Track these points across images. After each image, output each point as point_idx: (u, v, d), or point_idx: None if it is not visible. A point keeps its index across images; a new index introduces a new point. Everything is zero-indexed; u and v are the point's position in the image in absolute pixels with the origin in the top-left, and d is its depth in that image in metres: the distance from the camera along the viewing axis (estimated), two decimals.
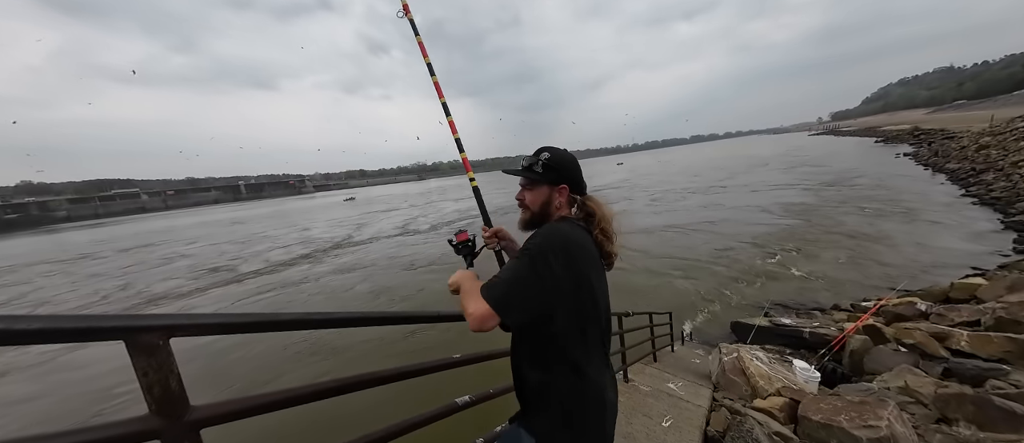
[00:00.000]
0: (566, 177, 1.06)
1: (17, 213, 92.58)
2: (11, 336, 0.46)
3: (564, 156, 1.08)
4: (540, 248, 0.90)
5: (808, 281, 9.18)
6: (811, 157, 43.54)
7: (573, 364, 0.94)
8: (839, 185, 22.03)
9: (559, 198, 1.06)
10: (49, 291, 16.46)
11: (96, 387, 7.02)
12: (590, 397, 0.95)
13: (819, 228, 13.56)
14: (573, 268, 0.91)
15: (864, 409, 2.76)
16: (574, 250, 0.93)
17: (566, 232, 0.96)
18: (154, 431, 0.58)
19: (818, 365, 4.65)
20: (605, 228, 1.05)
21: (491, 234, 1.32)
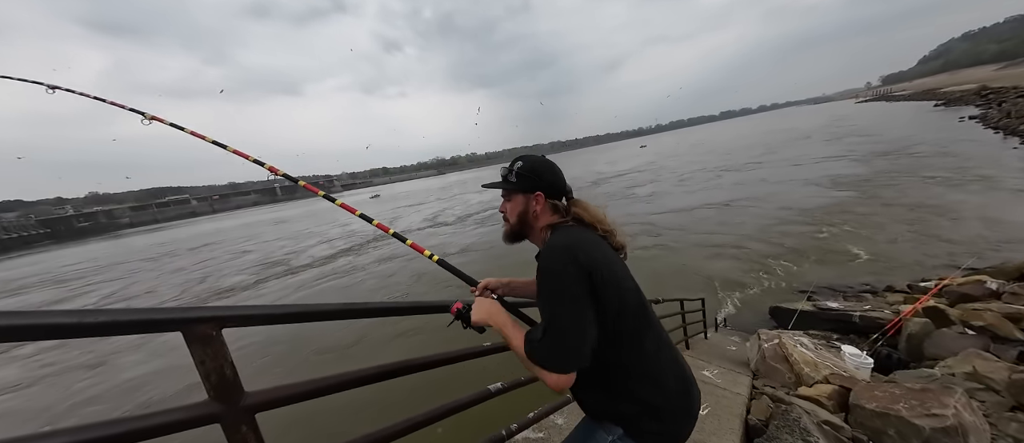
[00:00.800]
0: (540, 183, 1.02)
1: (88, 221, 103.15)
2: (82, 329, 0.49)
3: (538, 162, 1.05)
4: (552, 281, 0.85)
5: (858, 260, 8.52)
6: (858, 126, 39.97)
7: (625, 367, 0.90)
8: (893, 154, 20.15)
9: (535, 206, 1.03)
10: (144, 285, 18.70)
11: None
12: (660, 399, 0.91)
13: (871, 202, 12.49)
14: (594, 271, 0.85)
15: (927, 397, 2.55)
16: (577, 261, 0.85)
17: (562, 246, 0.90)
18: (214, 415, 0.62)
19: (870, 351, 4.34)
20: (599, 228, 1.00)
21: (480, 290, 1.27)
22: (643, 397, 0.90)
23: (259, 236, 33.25)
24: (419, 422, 1.03)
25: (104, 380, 8.21)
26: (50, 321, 0.47)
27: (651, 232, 13.58)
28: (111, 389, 7.73)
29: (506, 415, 1.65)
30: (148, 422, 0.55)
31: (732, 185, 19.90)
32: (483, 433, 1.33)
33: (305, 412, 5.09)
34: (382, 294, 11.73)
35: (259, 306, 0.69)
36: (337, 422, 5.10)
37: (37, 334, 0.46)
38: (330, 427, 5.05)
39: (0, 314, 0.45)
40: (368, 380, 0.89)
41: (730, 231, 12.15)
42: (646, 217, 15.93)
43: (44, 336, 0.47)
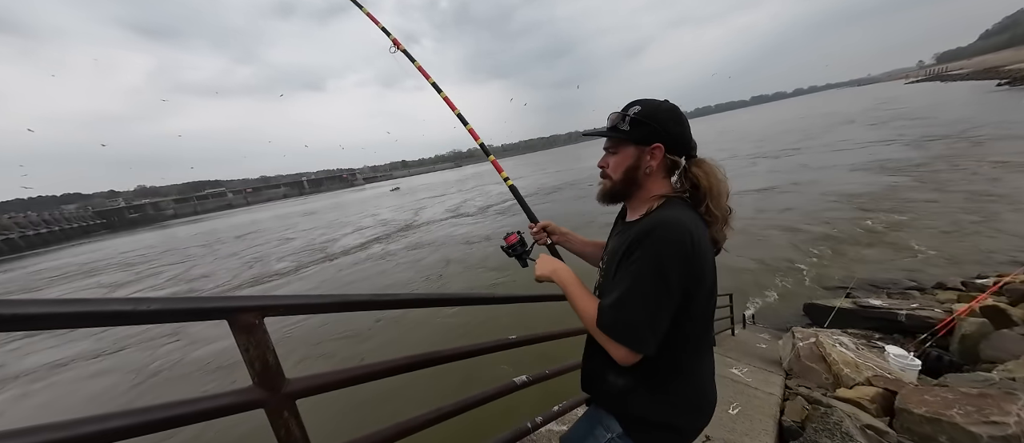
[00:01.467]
0: (661, 133, 0.81)
1: (137, 213, 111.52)
2: (139, 316, 0.52)
3: (660, 107, 0.83)
4: (660, 261, 0.72)
5: (905, 254, 7.93)
6: (908, 109, 36.85)
7: (680, 369, 0.83)
8: (950, 138, 18.44)
9: (650, 161, 0.83)
10: (202, 269, 20.33)
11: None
12: (694, 403, 0.86)
13: (921, 190, 11.59)
14: (696, 266, 0.75)
15: (985, 402, 2.35)
16: (694, 252, 0.74)
17: (683, 228, 0.74)
18: (258, 401, 0.64)
19: (918, 352, 4.07)
20: (713, 206, 0.81)
21: (539, 230, 1.22)
22: (688, 401, 0.84)
23: (297, 225, 34.94)
24: (447, 412, 1.04)
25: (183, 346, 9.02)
26: (112, 309, 0.49)
27: None
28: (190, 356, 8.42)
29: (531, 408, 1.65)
30: (198, 406, 0.58)
31: (767, 172, 18.96)
32: (509, 425, 1.33)
33: (339, 401, 5.34)
34: (415, 277, 12.25)
35: (299, 296, 0.71)
36: (369, 411, 5.30)
37: (100, 320, 0.48)
38: (363, 416, 5.25)
39: (70, 302, 0.48)
40: (400, 370, 0.90)
41: (764, 221, 11.61)
42: None
43: (106, 322, 0.49)
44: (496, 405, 1.26)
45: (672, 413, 0.83)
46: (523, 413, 1.61)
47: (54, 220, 78.03)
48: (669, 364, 0.81)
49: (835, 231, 9.68)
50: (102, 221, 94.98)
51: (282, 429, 0.67)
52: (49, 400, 7.82)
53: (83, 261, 34.18)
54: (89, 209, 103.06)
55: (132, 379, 8.01)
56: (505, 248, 1.26)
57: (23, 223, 68.49)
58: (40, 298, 0.47)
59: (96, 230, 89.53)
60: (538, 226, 1.23)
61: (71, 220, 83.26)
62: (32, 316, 0.44)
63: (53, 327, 0.47)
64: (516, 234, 1.25)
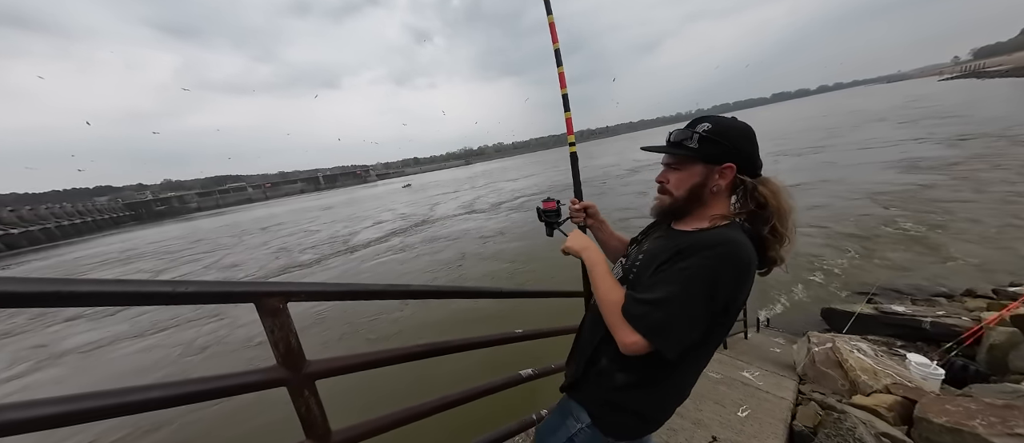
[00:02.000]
0: (733, 152, 0.79)
1: (163, 205, 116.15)
2: (175, 297, 0.57)
3: (732, 125, 0.81)
4: (716, 276, 0.71)
5: (932, 259, 7.61)
6: (941, 107, 35.06)
7: (675, 374, 0.84)
8: (988, 137, 17.54)
9: (720, 181, 0.80)
10: (236, 257, 21.31)
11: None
12: (671, 400, 0.89)
13: (951, 192, 11.06)
14: (738, 297, 0.76)
15: (1011, 414, 2.26)
16: (745, 277, 0.74)
17: (743, 253, 0.74)
18: (282, 379, 0.69)
19: (942, 361, 3.92)
20: (780, 226, 0.79)
21: (580, 208, 1.19)
22: (675, 394, 0.87)
23: (317, 219, 35.82)
24: (454, 400, 1.08)
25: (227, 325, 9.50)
26: (154, 289, 0.55)
27: None
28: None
29: (536, 400, 1.68)
30: (228, 382, 0.63)
31: (789, 171, 18.44)
32: (514, 416, 1.37)
33: (353, 384, 5.51)
34: (434, 267, 12.56)
35: (321, 284, 0.75)
36: (380, 396, 5.44)
37: (143, 300, 0.54)
38: (373, 400, 5.41)
39: (118, 281, 0.53)
40: (413, 357, 0.94)
41: None
42: None
43: (148, 302, 0.54)
44: (501, 396, 1.29)
45: (653, 407, 0.86)
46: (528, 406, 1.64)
47: (87, 211, 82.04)
48: (673, 366, 0.81)
49: (859, 233, 9.36)
50: (131, 213, 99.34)
51: (303, 407, 0.72)
52: (119, 370, 8.42)
53: (122, 249, 36.03)
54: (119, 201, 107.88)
55: (179, 352, 8.51)
56: (541, 211, 1.26)
57: (59, 213, 72.24)
58: (90, 278, 0.52)
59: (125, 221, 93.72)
60: (581, 204, 1.20)
61: (103, 211, 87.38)
62: (84, 294, 0.49)
63: (102, 304, 0.52)
64: (555, 202, 1.25)
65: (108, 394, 0.51)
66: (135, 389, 0.53)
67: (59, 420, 0.47)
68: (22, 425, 0.45)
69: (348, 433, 0.79)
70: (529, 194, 29.13)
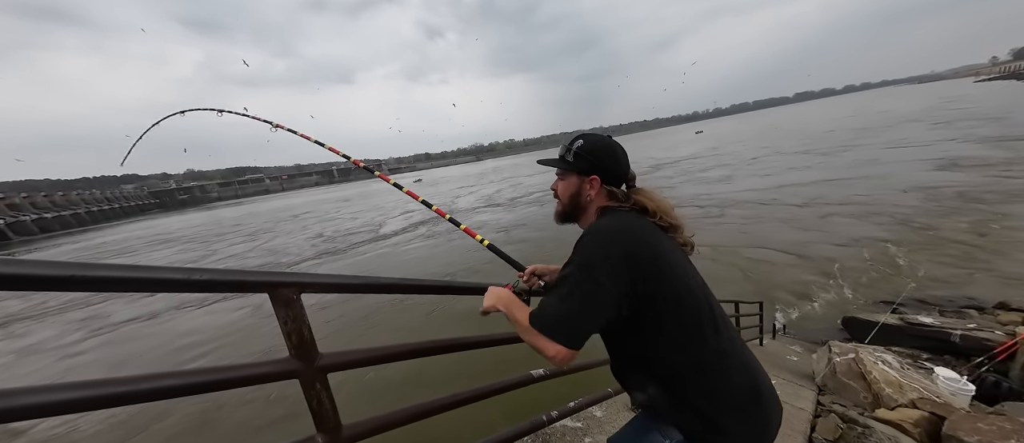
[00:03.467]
0: (598, 166, 0.93)
1: (186, 195, 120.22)
2: (190, 285, 0.56)
3: (599, 142, 0.95)
4: (584, 261, 0.80)
5: (965, 269, 7.24)
6: (979, 109, 33.36)
7: (679, 368, 0.82)
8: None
9: (589, 190, 0.95)
10: (280, 243, 21.98)
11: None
12: (721, 395, 0.83)
13: (994, 195, 10.54)
14: (631, 267, 0.78)
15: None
16: (620, 245, 0.79)
17: (608, 228, 0.84)
18: (294, 371, 0.68)
19: (972, 376, 3.73)
20: (664, 218, 0.90)
21: (528, 275, 1.25)
22: (701, 408, 0.82)
23: (342, 210, 36.40)
24: (466, 398, 1.06)
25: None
26: (165, 276, 0.54)
27: (710, 223, 12.76)
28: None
29: (547, 401, 1.65)
30: (241, 372, 0.62)
31: (815, 173, 17.93)
32: (525, 416, 1.34)
33: (364, 380, 5.58)
34: (462, 255, 12.92)
35: (334, 276, 0.74)
36: (392, 391, 5.49)
37: (153, 287, 0.53)
38: (385, 396, 5.46)
39: (133, 267, 0.52)
40: (424, 353, 0.93)
41: (802, 225, 10.97)
42: (706, 205, 15.04)
43: (158, 289, 0.54)
44: (512, 396, 1.27)
45: (699, 419, 0.81)
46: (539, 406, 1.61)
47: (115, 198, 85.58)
48: (675, 365, 0.82)
49: (886, 240, 8.98)
50: (156, 201, 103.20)
51: (314, 400, 0.71)
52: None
53: (157, 233, 37.55)
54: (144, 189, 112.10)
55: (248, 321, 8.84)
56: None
57: (89, 199, 75.57)
58: (104, 263, 0.51)
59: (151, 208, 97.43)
60: (527, 272, 1.25)
61: (130, 199, 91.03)
62: (98, 279, 0.49)
63: (116, 289, 0.51)
64: (510, 285, 1.23)
65: (122, 381, 0.51)
66: (149, 377, 0.53)
67: (72, 406, 0.46)
68: (34, 410, 0.44)
69: (359, 427, 0.78)
70: (545, 188, 29.37)
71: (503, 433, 1.16)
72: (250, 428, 5.27)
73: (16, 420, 0.44)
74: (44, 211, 62.47)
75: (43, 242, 47.49)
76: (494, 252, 1.36)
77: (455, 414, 1.04)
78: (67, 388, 0.48)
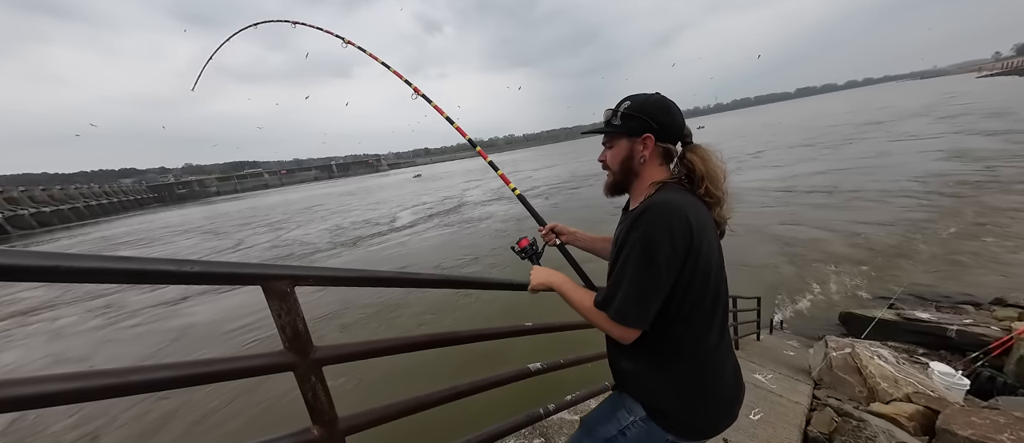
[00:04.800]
0: (650, 124, 0.85)
1: (185, 189, 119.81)
2: (181, 277, 0.55)
3: (649, 99, 0.87)
4: (648, 241, 0.76)
5: (962, 264, 7.27)
6: (981, 105, 33.29)
7: (682, 352, 0.84)
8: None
9: (643, 151, 0.87)
10: (300, 234, 21.97)
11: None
12: (708, 383, 0.86)
13: (994, 191, 10.57)
14: (688, 252, 0.77)
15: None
16: (683, 231, 0.76)
17: (671, 208, 0.78)
18: (289, 364, 0.67)
19: (967, 371, 3.76)
20: (711, 189, 0.84)
21: (548, 231, 1.29)
22: (689, 384, 0.84)
23: (350, 203, 36.45)
24: (463, 391, 1.06)
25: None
26: (154, 267, 0.53)
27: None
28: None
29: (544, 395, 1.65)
30: (235, 364, 0.61)
31: (815, 168, 18.08)
32: (522, 409, 1.34)
33: (360, 372, 5.63)
34: (481, 242, 13.36)
35: (329, 268, 0.73)
36: (388, 384, 5.52)
37: (143, 278, 0.52)
38: (381, 388, 5.49)
39: (121, 258, 0.51)
40: (421, 346, 0.92)
41: (798, 219, 10.99)
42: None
43: (148, 281, 0.53)
44: (509, 389, 1.27)
45: (679, 399, 0.85)
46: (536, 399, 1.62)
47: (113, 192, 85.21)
48: (671, 347, 0.84)
49: (885, 236, 9.00)
50: (154, 195, 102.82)
51: (309, 392, 0.70)
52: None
53: (164, 225, 37.64)
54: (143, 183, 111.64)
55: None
56: (517, 251, 1.30)
57: (87, 193, 75.24)
58: (91, 254, 0.51)
59: (149, 203, 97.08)
60: (547, 228, 1.29)
61: (128, 193, 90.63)
62: (85, 270, 0.48)
63: (103, 281, 0.51)
64: (527, 238, 1.30)
65: (111, 373, 0.50)
66: (139, 369, 0.52)
67: (59, 398, 0.45)
68: (22, 402, 0.43)
69: (355, 420, 0.77)
70: (555, 183, 29.69)
71: (499, 425, 1.16)
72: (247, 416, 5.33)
73: (5, 411, 0.44)
74: (42, 205, 62.23)
75: (42, 236, 47.35)
76: (522, 203, 1.44)
77: (451, 406, 1.04)
78: (56, 380, 0.47)
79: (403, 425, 0.92)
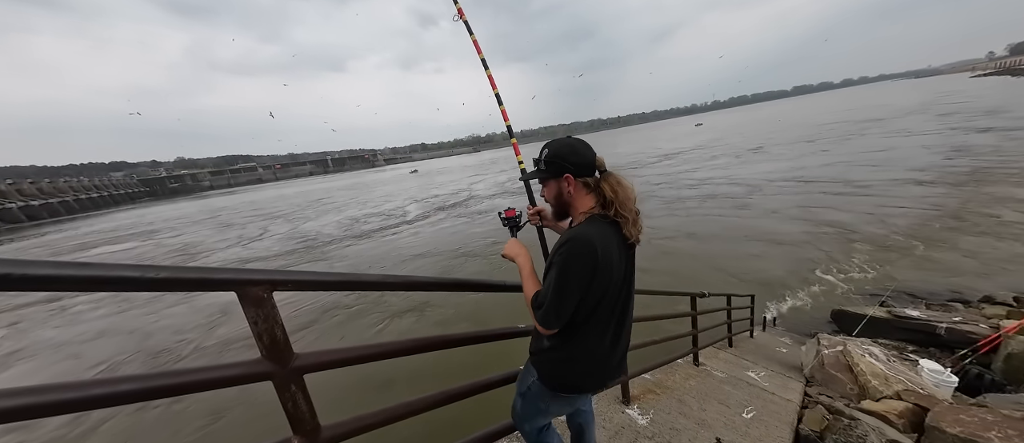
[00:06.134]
0: (567, 165, 1.06)
1: (177, 183, 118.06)
2: (145, 284, 0.51)
3: (562, 145, 1.09)
4: (564, 263, 0.98)
5: (952, 263, 7.36)
6: (976, 104, 33.70)
7: (573, 336, 1.05)
8: None
9: (567, 187, 1.08)
10: (312, 226, 21.76)
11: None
12: (586, 359, 1.08)
13: (986, 188, 10.73)
14: (597, 272, 0.98)
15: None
16: (590, 259, 0.97)
17: (583, 243, 0.98)
18: (266, 373, 0.64)
19: (956, 368, 3.81)
20: (620, 211, 1.04)
21: (534, 212, 1.45)
22: (566, 370, 1.09)
23: (358, 197, 36.15)
24: (452, 395, 1.04)
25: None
26: (117, 274, 0.49)
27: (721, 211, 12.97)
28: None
29: None
30: (207, 375, 0.58)
31: (809, 165, 18.31)
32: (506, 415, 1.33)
33: (346, 378, 5.48)
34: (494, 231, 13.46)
35: (310, 272, 0.70)
36: (374, 387, 5.40)
37: (104, 285, 0.48)
38: (368, 394, 5.34)
39: (75, 264, 0.48)
40: (409, 351, 0.90)
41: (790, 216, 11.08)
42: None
43: (109, 288, 0.49)
44: (495, 394, 1.26)
45: (566, 368, 1.09)
46: None
47: (103, 185, 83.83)
48: (566, 335, 1.06)
49: (878, 234, 9.09)
50: (146, 189, 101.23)
51: (289, 402, 0.67)
52: None
53: (166, 218, 37.00)
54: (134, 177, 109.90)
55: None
56: (503, 218, 1.48)
57: (77, 187, 73.97)
58: (47, 260, 0.47)
59: (140, 197, 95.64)
60: (535, 209, 1.45)
61: (119, 186, 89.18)
62: (39, 277, 0.44)
63: (60, 288, 0.47)
64: (514, 209, 1.48)
65: (68, 387, 0.47)
66: (100, 382, 0.49)
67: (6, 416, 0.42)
68: None
69: (339, 428, 0.75)
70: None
71: (489, 429, 1.15)
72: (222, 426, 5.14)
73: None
74: (31, 198, 61.13)
75: (30, 230, 46.53)
76: (524, 180, 1.57)
77: (441, 410, 1.02)
78: (8, 395, 0.44)
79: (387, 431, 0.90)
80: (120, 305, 10.72)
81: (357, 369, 0.89)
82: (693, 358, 3.25)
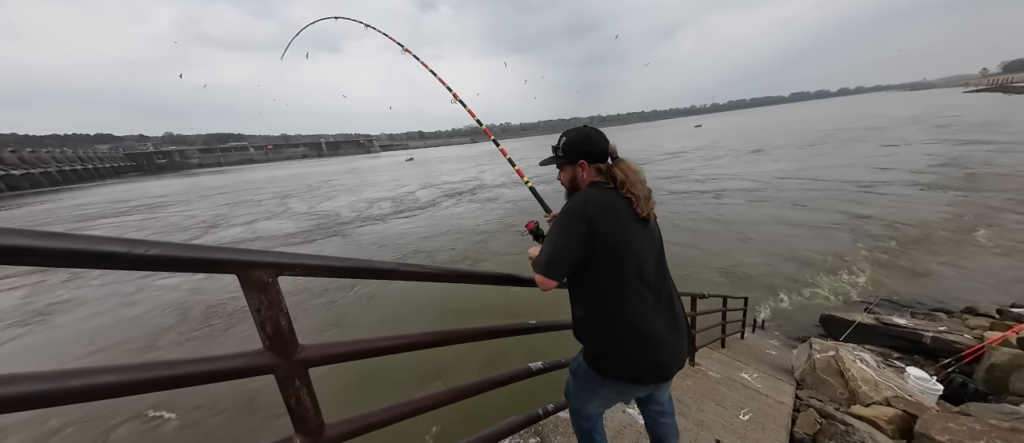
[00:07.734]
0: (582, 152, 1.16)
1: (165, 159, 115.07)
2: (133, 260, 0.45)
3: (578, 134, 1.18)
4: (564, 214, 1.10)
5: (938, 273, 7.52)
6: (970, 119, 34.27)
7: (606, 303, 1.08)
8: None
9: (582, 173, 1.17)
10: (328, 205, 21.33)
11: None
12: (625, 330, 1.08)
13: (976, 203, 10.95)
14: (594, 224, 1.03)
15: (1018, 438, 2.22)
16: (593, 209, 1.05)
17: (588, 195, 1.09)
18: (269, 366, 0.58)
19: (940, 376, 3.89)
20: (631, 190, 1.10)
21: (551, 217, 1.50)
22: (601, 330, 1.11)
23: (365, 180, 35.81)
24: (462, 392, 0.99)
25: None
26: (101, 248, 0.42)
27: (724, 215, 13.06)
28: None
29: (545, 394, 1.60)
30: (204, 367, 0.52)
31: (803, 170, 18.53)
32: (521, 409, 1.29)
33: (355, 371, 5.19)
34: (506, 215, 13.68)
35: (318, 256, 0.63)
36: (385, 385, 5.18)
37: (87, 261, 0.42)
38: (379, 389, 5.09)
39: (56, 236, 0.41)
40: (419, 345, 0.84)
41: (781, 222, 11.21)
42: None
43: (93, 264, 0.42)
44: (509, 389, 1.21)
45: (603, 338, 1.11)
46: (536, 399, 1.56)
47: (89, 158, 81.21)
48: (594, 300, 1.11)
49: (870, 240, 9.24)
50: (132, 164, 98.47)
51: (292, 398, 0.61)
52: None
53: (164, 193, 36.20)
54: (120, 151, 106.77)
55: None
56: (526, 232, 1.57)
57: (60, 158, 71.59)
58: (24, 229, 0.40)
59: (127, 171, 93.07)
60: (551, 216, 1.50)
61: (104, 160, 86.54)
62: (11, 248, 0.37)
63: (39, 263, 0.40)
64: (533, 222, 1.58)
65: (40, 378, 0.40)
66: (78, 372, 0.42)
67: None
68: None
69: (344, 426, 0.69)
70: (543, 174, 29.76)
71: (499, 426, 1.10)
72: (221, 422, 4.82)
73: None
74: (12, 168, 59.07)
75: (11, 200, 44.98)
76: (532, 193, 1.70)
77: (450, 409, 0.97)
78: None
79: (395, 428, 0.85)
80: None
81: (361, 362, 0.83)
82: (689, 358, 3.26)
